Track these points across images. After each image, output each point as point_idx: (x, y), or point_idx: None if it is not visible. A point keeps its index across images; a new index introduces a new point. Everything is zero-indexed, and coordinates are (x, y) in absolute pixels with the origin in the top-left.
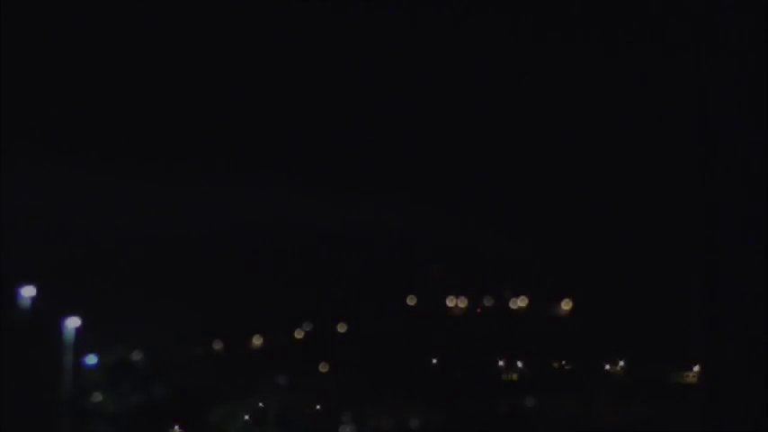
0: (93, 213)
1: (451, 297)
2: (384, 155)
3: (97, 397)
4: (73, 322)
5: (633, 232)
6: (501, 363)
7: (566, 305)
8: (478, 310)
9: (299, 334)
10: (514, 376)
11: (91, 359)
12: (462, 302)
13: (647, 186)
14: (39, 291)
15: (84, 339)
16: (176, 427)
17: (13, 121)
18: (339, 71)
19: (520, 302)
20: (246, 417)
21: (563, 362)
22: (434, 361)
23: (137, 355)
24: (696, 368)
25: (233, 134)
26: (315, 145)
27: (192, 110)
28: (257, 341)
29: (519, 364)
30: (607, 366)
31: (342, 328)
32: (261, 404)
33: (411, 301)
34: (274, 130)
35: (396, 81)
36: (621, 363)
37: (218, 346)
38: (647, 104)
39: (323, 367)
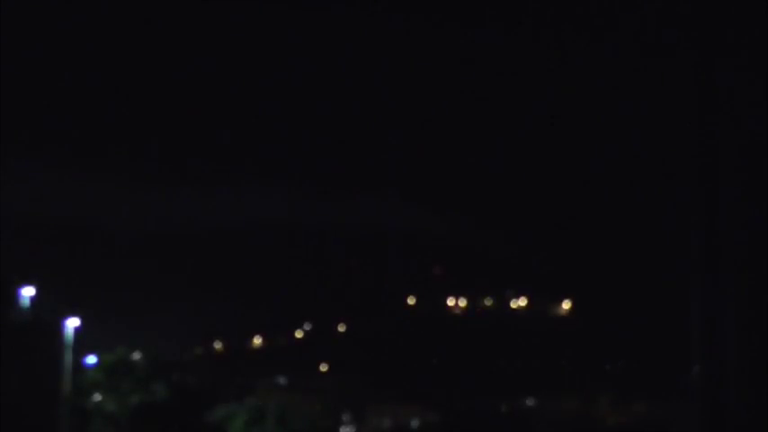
0: (93, 214)
1: (451, 297)
2: (385, 156)
3: (97, 397)
4: (73, 322)
5: (633, 233)
6: (501, 363)
7: (566, 305)
8: (478, 310)
9: (299, 334)
10: (514, 376)
11: (91, 359)
12: (462, 302)
13: (647, 187)
14: (39, 291)
15: (84, 339)
16: (176, 428)
17: (14, 122)
18: (339, 72)
19: (520, 302)
20: (246, 417)
21: (563, 362)
22: (434, 361)
23: (137, 355)
24: (696, 368)
25: (232, 136)
26: (316, 147)
27: (193, 111)
28: (257, 341)
29: (519, 364)
30: (607, 366)
31: (342, 328)
32: (261, 404)
33: (411, 301)
34: (275, 133)
35: (397, 82)
36: (621, 363)
37: (218, 346)
38: (647, 105)
39: (323, 367)
